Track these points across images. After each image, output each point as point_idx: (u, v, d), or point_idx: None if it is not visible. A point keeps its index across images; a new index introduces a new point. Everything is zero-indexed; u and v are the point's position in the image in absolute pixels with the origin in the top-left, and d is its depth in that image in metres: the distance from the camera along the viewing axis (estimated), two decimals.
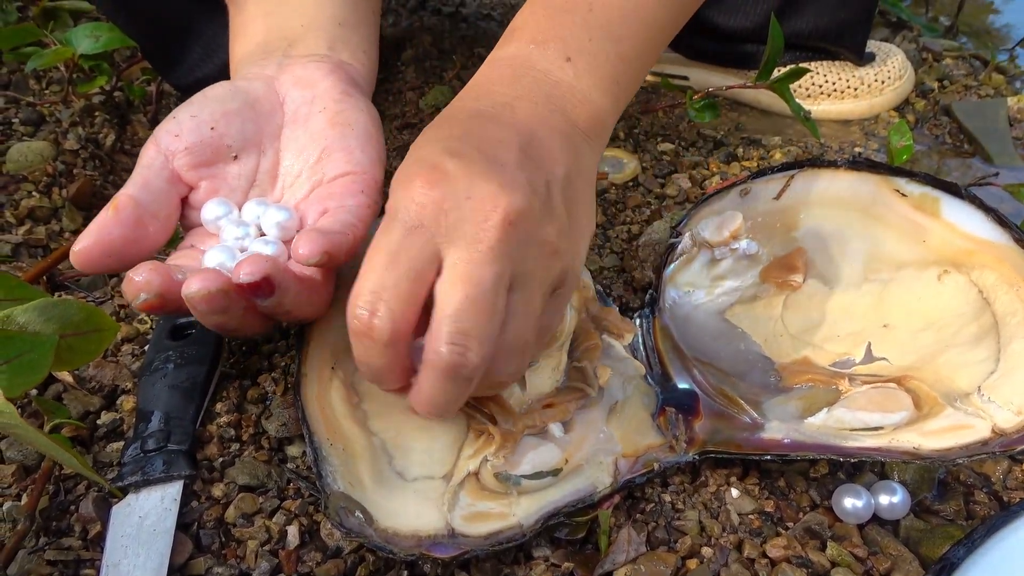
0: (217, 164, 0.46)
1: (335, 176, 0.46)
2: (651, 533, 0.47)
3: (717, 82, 0.93)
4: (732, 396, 0.52)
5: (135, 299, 0.40)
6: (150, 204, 0.44)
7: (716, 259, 0.60)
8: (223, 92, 0.47)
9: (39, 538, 0.44)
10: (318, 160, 0.46)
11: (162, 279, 0.40)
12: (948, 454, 0.45)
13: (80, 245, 0.41)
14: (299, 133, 0.47)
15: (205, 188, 0.46)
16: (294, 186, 0.47)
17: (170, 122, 0.46)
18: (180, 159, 0.45)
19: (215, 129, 0.45)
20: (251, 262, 0.39)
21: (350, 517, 0.41)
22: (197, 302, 0.39)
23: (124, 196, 0.43)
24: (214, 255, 0.43)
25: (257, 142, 0.47)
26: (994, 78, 0.99)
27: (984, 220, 0.53)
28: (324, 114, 0.47)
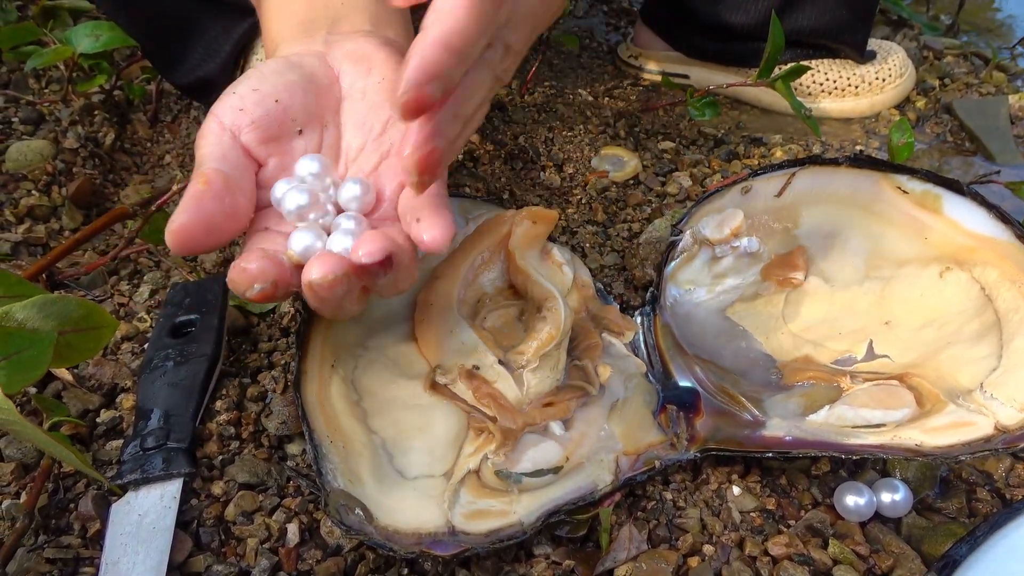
0: (283, 139, 0.44)
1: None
2: (652, 531, 0.47)
3: (718, 80, 0.93)
4: (733, 394, 0.52)
5: (249, 289, 0.37)
6: (236, 177, 0.41)
7: (717, 257, 0.60)
8: (279, 66, 0.45)
9: (38, 536, 0.44)
10: (383, 131, 0.45)
11: (276, 268, 0.38)
12: (951, 451, 0.45)
13: (178, 222, 0.38)
14: (359, 106, 0.46)
15: (274, 165, 0.44)
16: (359, 160, 0.45)
17: (230, 97, 0.43)
18: (248, 134, 0.42)
19: (279, 102, 0.43)
20: (370, 240, 0.37)
21: (350, 515, 0.41)
22: (320, 288, 0.37)
23: (211, 169, 0.40)
24: (301, 237, 0.40)
25: (319, 116, 0.45)
26: (995, 76, 0.98)
27: (986, 217, 0.53)
28: (383, 84, 0.46)
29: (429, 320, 0.50)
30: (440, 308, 0.50)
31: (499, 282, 0.54)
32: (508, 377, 0.48)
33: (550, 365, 0.49)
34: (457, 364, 0.48)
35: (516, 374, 0.48)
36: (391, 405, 0.49)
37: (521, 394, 0.48)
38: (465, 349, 0.49)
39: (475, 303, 0.53)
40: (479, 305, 0.53)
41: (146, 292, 0.63)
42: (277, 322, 0.60)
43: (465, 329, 0.49)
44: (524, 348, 0.49)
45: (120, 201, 0.75)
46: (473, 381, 0.48)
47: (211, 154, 0.41)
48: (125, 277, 0.65)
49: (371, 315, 0.52)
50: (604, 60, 1.04)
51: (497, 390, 0.47)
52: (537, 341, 0.48)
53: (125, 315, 0.61)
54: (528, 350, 0.49)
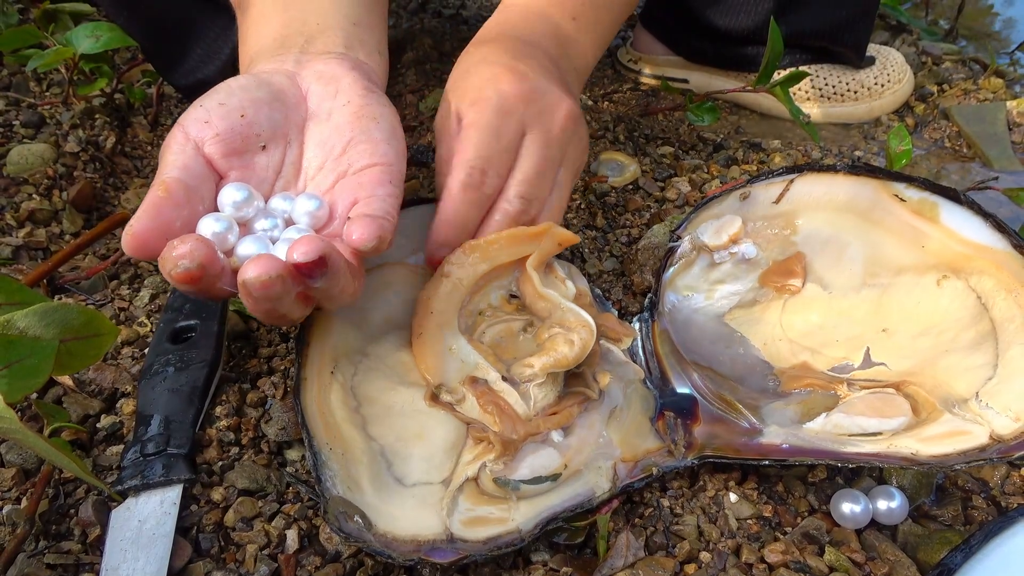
0: (246, 153, 0.45)
1: (362, 167, 0.45)
2: (649, 538, 0.47)
3: (717, 85, 0.93)
4: (731, 401, 0.52)
5: (174, 267, 0.37)
6: (196, 187, 0.42)
7: (715, 263, 0.60)
8: (248, 82, 0.46)
9: (38, 542, 0.45)
10: (343, 152, 0.46)
11: (207, 252, 0.38)
12: (946, 460, 0.45)
13: (136, 227, 0.38)
14: (323, 127, 0.47)
15: (235, 178, 0.44)
16: (316, 178, 0.46)
17: (197, 110, 0.44)
18: (211, 146, 0.43)
19: (245, 117, 0.44)
20: (306, 242, 0.38)
21: (349, 522, 0.41)
22: (254, 287, 0.37)
23: (172, 178, 0.41)
24: (247, 245, 0.41)
25: (284, 133, 0.46)
26: (993, 82, 0.99)
27: (983, 226, 0.53)
28: (349, 107, 0.47)
29: (426, 335, 0.49)
30: (440, 319, 0.50)
31: (503, 292, 0.54)
32: (514, 393, 0.48)
33: (554, 377, 0.49)
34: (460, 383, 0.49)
35: (521, 389, 0.48)
36: (390, 412, 0.49)
37: (529, 409, 0.48)
38: (466, 368, 0.49)
39: (476, 314, 0.53)
40: (480, 317, 0.53)
41: (146, 297, 0.63)
42: (276, 327, 0.60)
43: (464, 346, 0.49)
44: (532, 361, 0.48)
45: (121, 205, 0.76)
46: (478, 388, 0.48)
47: (173, 163, 0.42)
48: (125, 282, 0.65)
49: (370, 321, 0.52)
50: (603, 64, 1.04)
51: (502, 398, 0.47)
52: (549, 359, 0.48)
53: (125, 320, 0.61)
54: (537, 364, 0.48)
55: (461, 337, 0.50)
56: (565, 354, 0.48)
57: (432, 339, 0.50)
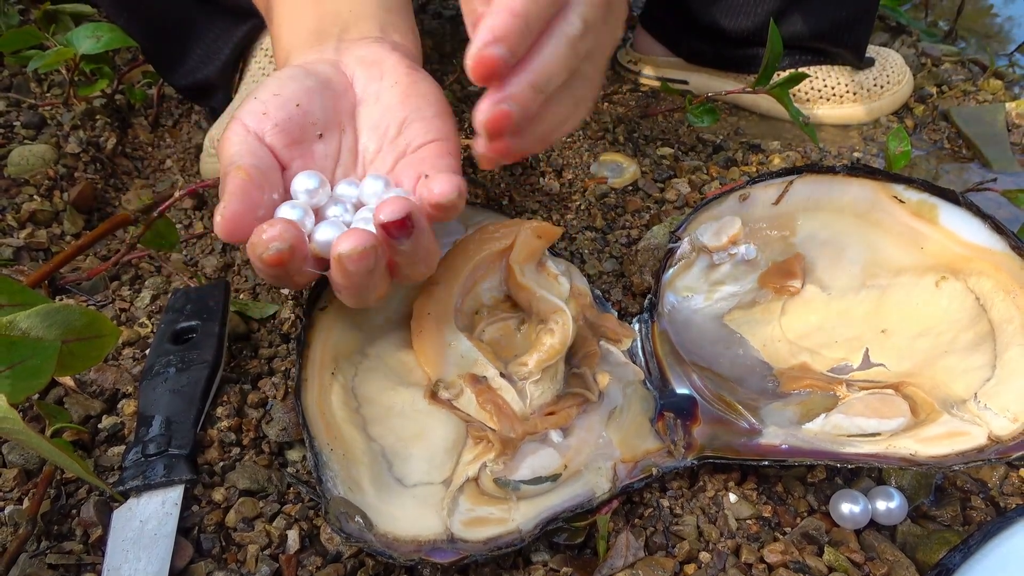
0: (304, 142, 0.45)
1: (420, 145, 0.45)
2: (649, 538, 0.47)
3: (716, 86, 0.93)
4: (730, 401, 0.52)
5: (265, 249, 0.38)
6: (268, 173, 0.42)
7: (715, 264, 0.60)
8: (297, 72, 0.46)
9: (40, 542, 0.45)
10: (398, 133, 0.46)
11: (296, 234, 0.38)
12: (945, 461, 0.45)
13: (227, 212, 0.39)
14: (372, 110, 0.47)
15: (297, 167, 0.45)
16: (375, 162, 0.46)
17: (252, 102, 0.44)
18: (272, 136, 0.44)
19: (300, 106, 0.44)
20: (392, 202, 0.39)
21: (350, 522, 0.41)
22: (350, 260, 0.38)
23: (247, 164, 0.41)
24: (324, 230, 0.42)
25: (337, 120, 0.46)
26: (992, 83, 0.99)
27: (981, 227, 0.53)
28: (396, 88, 0.47)
29: (427, 332, 0.50)
30: (437, 318, 0.50)
31: (496, 292, 0.54)
32: (511, 390, 0.48)
33: (551, 376, 0.49)
34: (459, 377, 0.49)
35: (519, 387, 0.49)
36: (390, 412, 0.49)
37: (525, 406, 0.48)
38: (465, 363, 0.49)
39: (472, 314, 0.53)
40: (477, 317, 0.53)
41: (147, 297, 0.63)
42: (277, 328, 0.60)
43: (463, 341, 0.50)
44: (526, 359, 0.49)
45: (121, 205, 0.76)
46: (477, 386, 0.48)
47: (240, 152, 0.42)
48: (126, 282, 0.65)
49: (370, 322, 0.53)
50: None
51: (500, 397, 0.47)
52: (540, 353, 0.49)
53: (126, 320, 0.61)
54: (530, 361, 0.49)
55: (460, 334, 0.51)
56: (551, 344, 0.48)
57: (432, 335, 0.50)
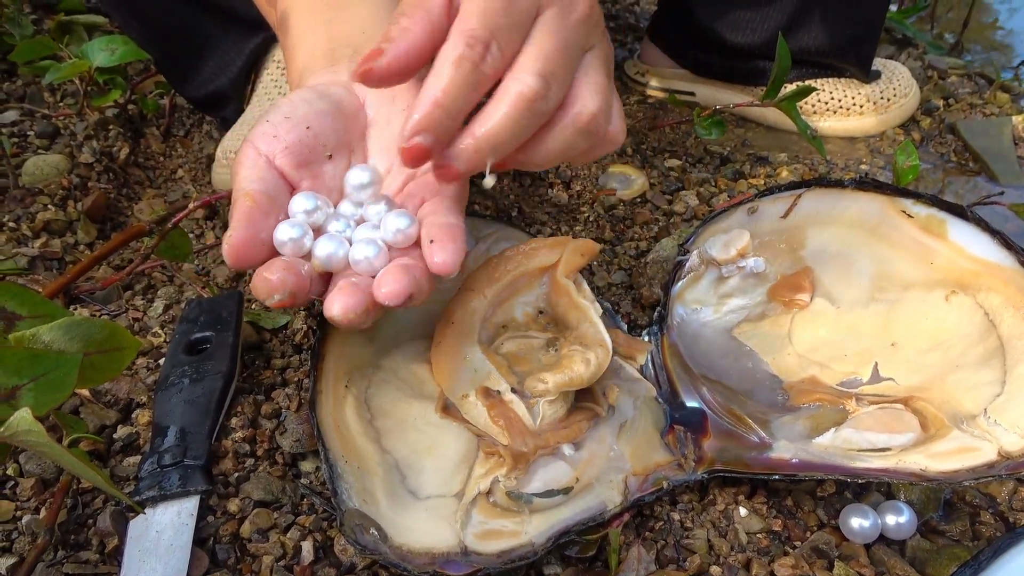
0: (315, 164, 0.46)
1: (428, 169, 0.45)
2: (660, 551, 0.47)
3: (724, 99, 0.94)
4: (740, 415, 0.53)
5: (268, 298, 0.39)
6: (276, 197, 0.43)
7: (723, 277, 0.61)
8: (309, 95, 0.47)
9: (57, 551, 0.45)
10: None
11: (296, 278, 0.40)
12: (955, 477, 0.46)
13: (234, 239, 0.40)
14: (384, 132, 0.48)
15: (305, 187, 0.46)
16: (385, 182, 0.47)
17: (264, 125, 0.45)
18: (282, 158, 0.45)
19: (311, 128, 0.45)
20: (392, 280, 0.39)
21: (365, 534, 0.42)
22: (340, 323, 0.39)
23: (254, 190, 0.42)
24: (324, 245, 0.42)
25: (347, 142, 0.47)
26: (999, 96, 0.99)
27: (990, 243, 0.54)
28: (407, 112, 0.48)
29: (446, 343, 0.50)
30: (459, 329, 0.50)
31: (530, 309, 0.54)
32: (521, 405, 0.48)
33: (565, 395, 0.50)
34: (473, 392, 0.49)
35: (530, 403, 0.49)
36: (403, 425, 0.49)
37: (534, 424, 0.48)
38: (478, 376, 0.49)
39: (500, 327, 0.53)
40: (502, 330, 0.53)
41: (160, 307, 0.64)
42: (290, 338, 0.61)
43: (478, 355, 0.50)
44: (546, 376, 0.48)
45: (134, 215, 0.77)
46: (489, 399, 0.48)
47: (249, 176, 0.43)
48: (139, 292, 0.66)
49: (384, 334, 0.53)
50: None
51: (512, 410, 0.48)
52: (564, 376, 0.48)
53: (139, 330, 0.62)
54: (551, 380, 0.48)
55: (477, 347, 0.51)
56: (580, 373, 0.48)
57: (450, 348, 0.50)
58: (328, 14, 0.52)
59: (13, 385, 0.36)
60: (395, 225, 0.43)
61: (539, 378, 0.49)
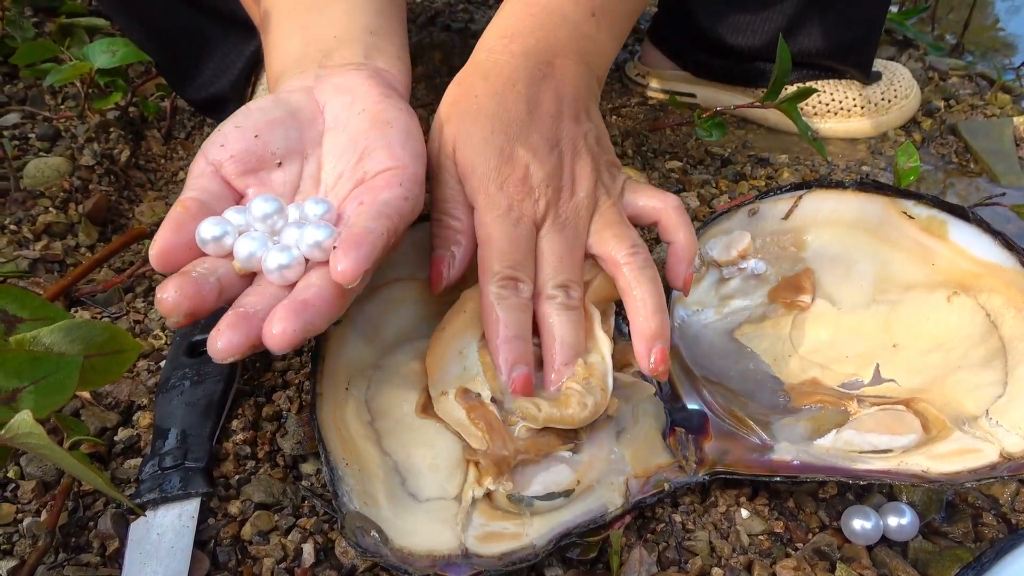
0: (262, 171, 0.47)
1: (376, 172, 0.46)
2: (662, 553, 0.47)
3: (724, 100, 0.94)
4: (741, 416, 0.53)
5: (168, 317, 0.39)
6: (213, 204, 0.44)
7: (724, 278, 0.61)
8: (265, 103, 0.48)
9: (58, 554, 0.45)
10: (359, 159, 0.47)
11: (191, 301, 0.39)
12: (956, 478, 0.45)
13: (159, 243, 0.41)
14: (340, 137, 0.48)
15: (252, 195, 0.46)
16: (336, 187, 0.47)
17: (216, 135, 0.46)
18: (227, 167, 0.46)
19: (259, 137, 0.46)
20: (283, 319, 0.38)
21: (366, 537, 0.42)
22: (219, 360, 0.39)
23: (188, 198, 0.43)
24: (245, 244, 0.42)
25: (300, 149, 0.48)
26: (1000, 97, 0.99)
27: (991, 244, 0.54)
28: (364, 115, 0.48)
29: (450, 328, 0.50)
30: (469, 319, 0.50)
31: None
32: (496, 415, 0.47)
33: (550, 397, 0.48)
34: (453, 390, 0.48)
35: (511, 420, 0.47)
36: (402, 426, 0.49)
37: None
38: (465, 376, 0.48)
39: None
40: None
41: None
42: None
43: (473, 353, 0.49)
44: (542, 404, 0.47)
45: (135, 217, 0.77)
46: (468, 401, 0.47)
47: (192, 185, 0.45)
48: (140, 294, 0.66)
49: (383, 335, 0.53)
50: (611, 78, 1.05)
51: (492, 413, 0.47)
52: (557, 413, 0.47)
53: (140, 332, 0.62)
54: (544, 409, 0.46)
55: (476, 344, 0.50)
56: (573, 415, 0.47)
57: (451, 336, 0.50)
58: (304, 18, 0.53)
59: (14, 388, 0.36)
60: (312, 238, 0.42)
61: (534, 403, 0.47)
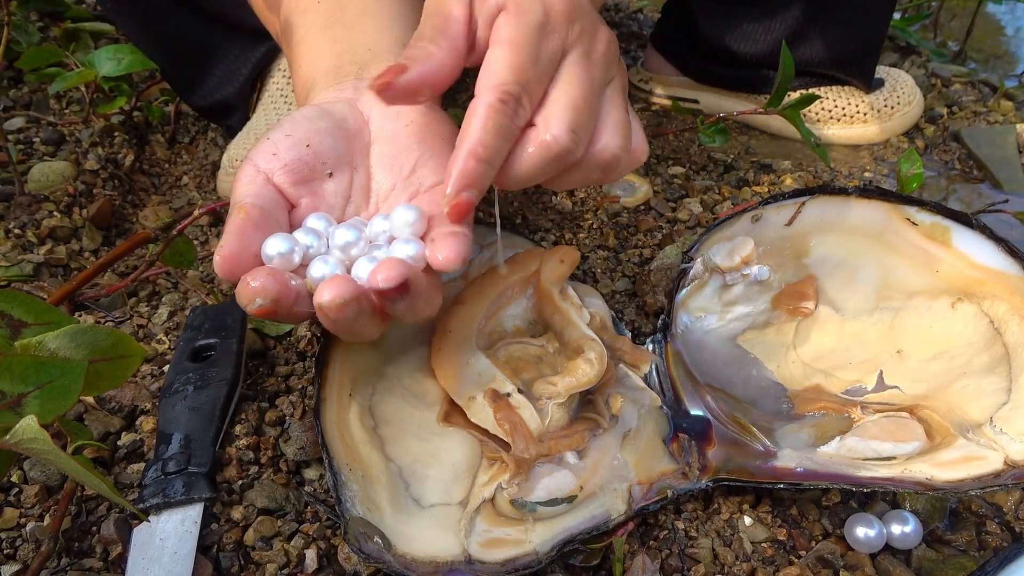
0: (314, 181, 0.46)
1: (432, 185, 0.46)
2: (665, 560, 0.47)
3: (727, 106, 0.94)
4: (745, 423, 0.52)
5: (250, 303, 0.39)
6: (271, 211, 0.44)
7: (728, 285, 0.61)
8: (311, 113, 0.47)
9: (61, 559, 0.45)
10: (412, 172, 0.47)
11: (278, 285, 0.39)
12: (961, 486, 0.45)
13: (225, 251, 0.40)
14: (387, 148, 0.48)
15: (306, 205, 0.46)
16: (389, 199, 0.47)
17: (265, 143, 0.46)
18: (280, 176, 0.45)
19: (310, 147, 0.46)
20: (388, 267, 0.39)
21: (369, 543, 0.41)
22: (329, 310, 0.38)
23: (248, 203, 0.43)
24: (318, 266, 0.42)
25: (349, 160, 0.47)
26: (1003, 104, 0.99)
27: (995, 251, 0.54)
28: (411, 128, 0.48)
29: (446, 350, 0.50)
30: (458, 337, 0.51)
31: (519, 321, 0.54)
32: (529, 406, 0.48)
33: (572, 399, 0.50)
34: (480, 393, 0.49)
35: (539, 404, 0.49)
36: (406, 433, 0.49)
37: (543, 425, 0.48)
38: (483, 380, 0.49)
39: (492, 336, 0.53)
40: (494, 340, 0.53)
41: (164, 314, 0.64)
42: (294, 346, 0.61)
43: (481, 359, 0.50)
44: (556, 380, 0.49)
45: (139, 222, 0.77)
46: (497, 401, 0.48)
47: (245, 191, 0.44)
48: (144, 299, 0.66)
49: (387, 342, 0.53)
50: None
51: (518, 415, 0.48)
52: (574, 379, 0.49)
53: (144, 337, 0.62)
54: (560, 384, 0.49)
55: (479, 352, 0.51)
56: (586, 372, 0.49)
57: (451, 354, 0.50)
58: (335, 31, 0.52)
59: (19, 392, 0.36)
60: (403, 218, 0.43)
61: (549, 381, 0.49)
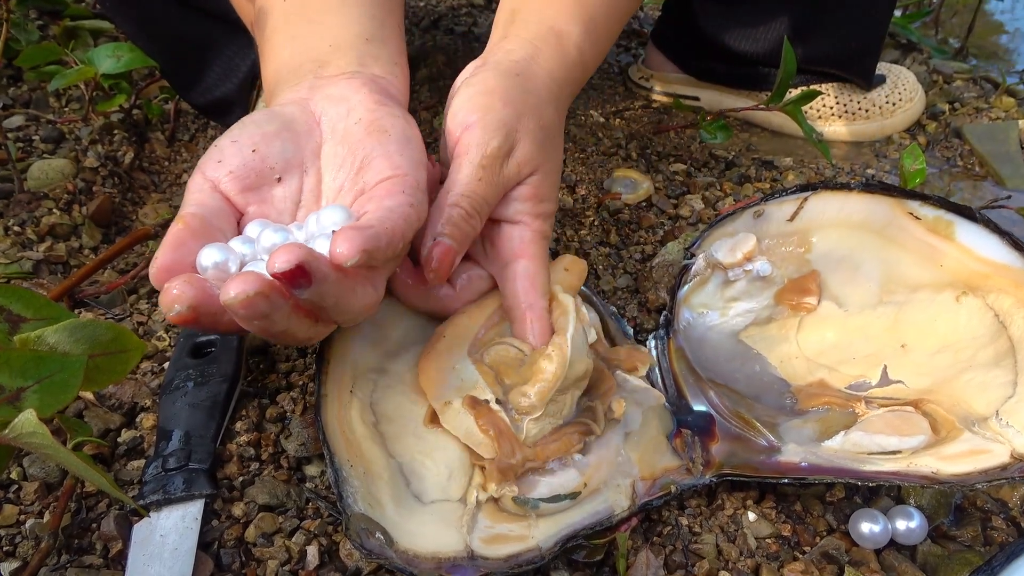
0: (263, 187, 0.46)
1: (377, 182, 0.45)
2: (668, 556, 0.47)
3: (728, 103, 0.94)
4: (748, 419, 0.52)
5: (169, 311, 0.38)
6: (213, 221, 0.43)
7: (730, 280, 0.60)
8: (260, 117, 0.47)
9: (61, 556, 0.45)
10: (359, 170, 0.46)
11: (195, 291, 0.38)
12: (967, 479, 0.45)
13: (159, 261, 0.40)
14: (338, 148, 0.47)
15: (253, 212, 0.45)
16: (337, 199, 0.46)
17: (212, 151, 0.45)
18: (227, 184, 0.44)
19: (256, 151, 0.45)
20: (283, 251, 0.37)
21: (371, 539, 0.41)
22: (237, 307, 0.36)
23: (188, 214, 0.42)
24: (209, 254, 0.40)
25: (298, 162, 0.47)
26: (1005, 100, 0.99)
27: (999, 244, 0.53)
28: (360, 124, 0.47)
29: (433, 353, 0.49)
30: (450, 342, 0.49)
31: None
32: (505, 418, 0.46)
33: (553, 412, 0.47)
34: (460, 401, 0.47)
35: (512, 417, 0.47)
36: (407, 429, 0.49)
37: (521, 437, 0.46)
38: (464, 386, 0.48)
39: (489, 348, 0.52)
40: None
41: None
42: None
43: (468, 367, 0.49)
44: (527, 389, 0.46)
45: (138, 219, 0.76)
46: (477, 408, 0.47)
47: (191, 200, 0.43)
48: (144, 296, 0.66)
49: (388, 339, 0.53)
50: (615, 81, 1.05)
51: (501, 419, 0.46)
52: (541, 383, 0.46)
53: (144, 334, 0.61)
54: (532, 393, 0.46)
55: (467, 359, 0.50)
56: (549, 371, 0.46)
57: (437, 358, 0.49)
58: (297, 28, 0.52)
59: (18, 387, 0.36)
60: (331, 218, 0.41)
61: (521, 392, 0.46)
